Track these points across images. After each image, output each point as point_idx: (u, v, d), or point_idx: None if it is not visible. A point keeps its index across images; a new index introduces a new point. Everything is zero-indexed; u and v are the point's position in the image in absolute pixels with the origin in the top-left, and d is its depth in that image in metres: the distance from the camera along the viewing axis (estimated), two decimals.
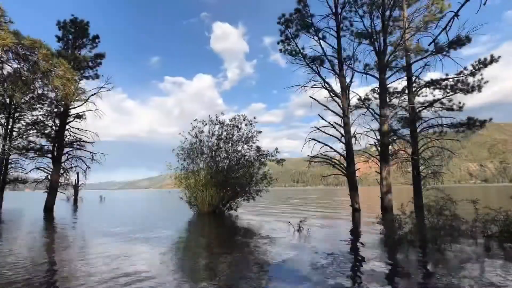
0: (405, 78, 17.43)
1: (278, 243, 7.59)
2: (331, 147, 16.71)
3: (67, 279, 4.73)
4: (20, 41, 11.42)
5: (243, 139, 17.28)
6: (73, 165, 20.25)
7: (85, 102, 17.88)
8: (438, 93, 17.03)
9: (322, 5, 16.88)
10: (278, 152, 17.74)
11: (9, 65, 13.44)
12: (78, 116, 19.57)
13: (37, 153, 20.69)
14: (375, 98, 18.31)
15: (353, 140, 16.44)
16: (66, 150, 19.66)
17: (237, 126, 17.34)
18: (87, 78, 20.23)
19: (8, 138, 20.47)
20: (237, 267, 5.34)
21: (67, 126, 19.29)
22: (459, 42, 15.11)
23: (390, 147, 16.80)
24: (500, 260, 5.55)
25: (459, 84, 16.18)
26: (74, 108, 18.79)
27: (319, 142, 16.67)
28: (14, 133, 21.23)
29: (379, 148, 16.38)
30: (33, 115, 20.77)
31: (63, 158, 19.49)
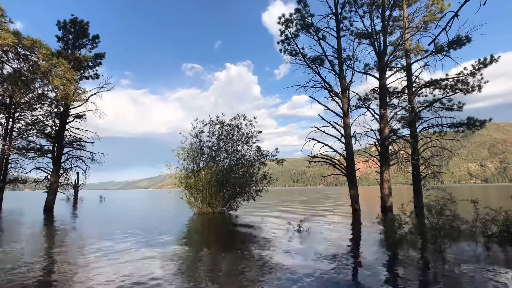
0: (405, 78, 17.43)
1: (278, 243, 7.59)
2: (331, 147, 16.70)
3: (64, 284, 4.73)
4: (20, 41, 11.44)
5: (243, 139, 17.29)
6: (73, 165, 20.26)
7: (85, 102, 17.91)
8: (438, 93, 17.04)
9: (322, 5, 16.88)
10: (278, 152, 17.79)
11: (9, 65, 13.48)
12: (78, 116, 19.58)
13: (37, 153, 20.70)
14: (375, 98, 18.31)
15: (353, 140, 16.44)
16: (66, 150, 19.66)
17: (237, 126, 17.34)
18: (87, 78, 20.25)
19: (8, 138, 20.46)
20: (237, 269, 5.34)
21: (67, 126, 19.29)
22: (459, 42, 15.11)
23: (390, 147, 16.80)
24: (500, 260, 5.55)
25: (459, 84, 16.18)
26: (74, 108, 18.80)
27: (319, 142, 16.67)
28: (14, 133, 21.24)
29: (379, 148, 16.38)
30: (33, 115, 20.78)
31: (63, 158, 19.50)
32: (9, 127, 20.91)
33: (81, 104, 17.98)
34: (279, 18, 17.03)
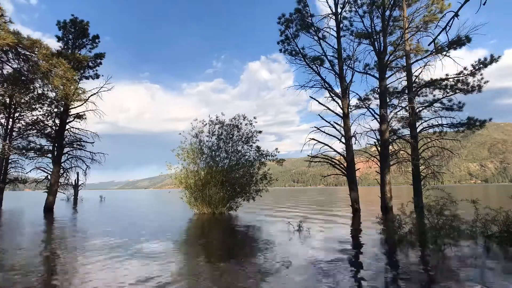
0: (405, 78, 17.44)
1: (278, 243, 7.59)
2: (331, 147, 16.69)
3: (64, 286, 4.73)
4: (20, 41, 11.45)
5: (243, 139, 17.29)
6: (73, 165, 20.26)
7: (85, 102, 17.93)
8: (438, 93, 17.06)
9: (322, 5, 16.88)
10: (278, 152, 17.79)
11: (9, 65, 13.50)
12: (78, 116, 19.57)
13: (37, 153, 20.70)
14: (375, 98, 18.32)
15: (353, 140, 16.42)
16: (66, 150, 19.66)
17: (237, 126, 17.34)
18: (87, 78, 20.25)
19: (8, 138, 20.47)
20: (236, 270, 5.34)
21: (67, 126, 19.29)
22: (459, 42, 15.12)
23: (390, 147, 16.80)
24: (500, 260, 5.55)
25: (459, 84, 16.20)
26: (74, 108, 18.80)
27: (319, 142, 16.65)
28: (14, 133, 21.24)
29: (379, 148, 16.37)
30: (33, 115, 20.80)
31: (63, 158, 19.49)
32: (9, 127, 20.92)
33: (81, 104, 18.00)
34: (279, 18, 17.02)
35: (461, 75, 15.97)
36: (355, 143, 16.55)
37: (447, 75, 16.45)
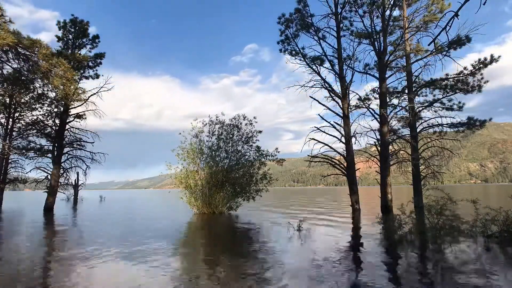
0: (405, 78, 17.44)
1: (278, 243, 7.59)
2: (331, 147, 16.69)
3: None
4: (20, 41, 11.45)
5: (243, 139, 17.29)
6: (73, 165, 20.26)
7: (85, 102, 17.93)
8: (438, 93, 17.06)
9: (322, 5, 16.88)
10: (278, 152, 17.78)
11: (9, 65, 13.49)
12: (78, 116, 19.57)
13: (37, 153, 20.72)
14: (375, 98, 18.32)
15: (353, 140, 16.42)
16: (66, 150, 19.65)
17: (237, 126, 17.34)
18: (87, 78, 20.24)
19: (8, 138, 20.47)
20: (235, 270, 5.34)
21: (67, 126, 19.28)
22: (459, 42, 15.12)
23: (390, 147, 16.80)
24: (500, 260, 5.55)
25: (459, 84, 16.20)
26: (74, 108, 18.79)
27: (319, 142, 16.65)
28: (14, 133, 21.24)
29: (379, 148, 16.37)
30: (33, 115, 20.80)
31: (63, 158, 19.49)
32: (9, 127, 20.92)
33: (81, 104, 17.99)
34: (279, 18, 17.03)
35: (461, 75, 15.97)
36: (355, 143, 16.57)
37: (447, 75, 16.46)
